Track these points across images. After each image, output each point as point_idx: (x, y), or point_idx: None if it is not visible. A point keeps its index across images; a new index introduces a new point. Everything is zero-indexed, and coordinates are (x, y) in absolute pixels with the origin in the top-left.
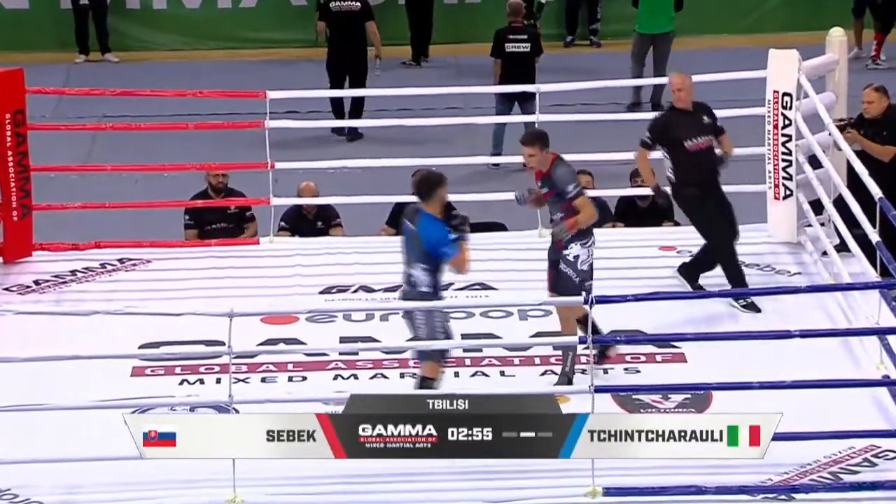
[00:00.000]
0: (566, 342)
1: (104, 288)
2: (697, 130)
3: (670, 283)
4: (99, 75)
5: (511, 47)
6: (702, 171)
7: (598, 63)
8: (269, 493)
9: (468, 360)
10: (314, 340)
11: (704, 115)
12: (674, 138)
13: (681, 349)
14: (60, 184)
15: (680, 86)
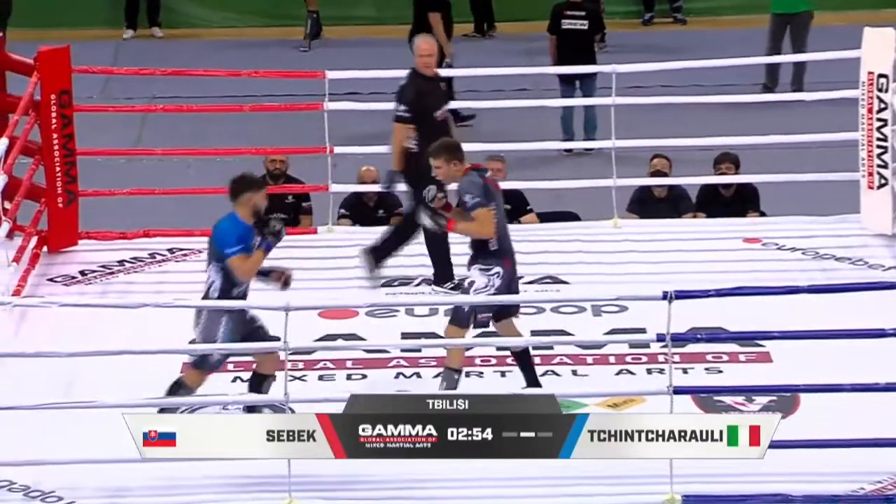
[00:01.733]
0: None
1: (153, 279)
2: (443, 99)
3: (755, 278)
4: (149, 53)
5: (568, 24)
6: None
7: (681, 42)
8: (324, 498)
9: (538, 358)
10: (374, 336)
11: (442, 83)
12: (426, 107)
13: (766, 348)
14: (108, 168)
15: (430, 51)
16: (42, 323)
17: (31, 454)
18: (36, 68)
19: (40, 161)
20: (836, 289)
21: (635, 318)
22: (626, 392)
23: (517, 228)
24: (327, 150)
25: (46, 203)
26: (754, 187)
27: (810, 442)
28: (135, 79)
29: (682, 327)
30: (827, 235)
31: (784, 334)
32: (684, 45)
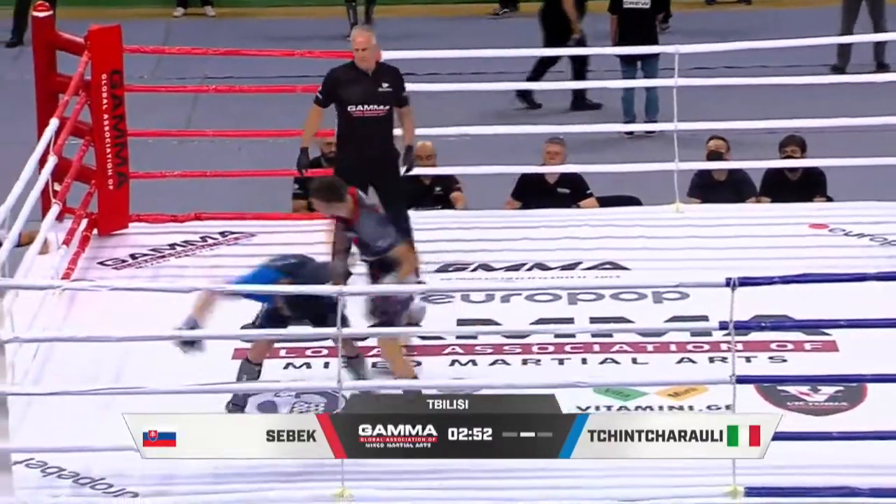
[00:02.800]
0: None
1: (205, 263)
2: (369, 96)
3: (822, 264)
4: (200, 32)
5: (629, 3)
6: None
7: (746, 22)
8: (378, 487)
9: (597, 346)
10: (429, 322)
11: (384, 83)
12: (341, 98)
13: (832, 337)
14: (159, 150)
15: (362, 45)
16: (92, 307)
17: (80, 441)
18: (86, 47)
19: (90, 142)
20: None
21: (697, 306)
22: (687, 381)
23: (577, 213)
24: None
25: (97, 185)
26: (821, 171)
27: (877, 433)
28: (186, 58)
29: (745, 315)
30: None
31: (851, 322)
32: (749, 26)
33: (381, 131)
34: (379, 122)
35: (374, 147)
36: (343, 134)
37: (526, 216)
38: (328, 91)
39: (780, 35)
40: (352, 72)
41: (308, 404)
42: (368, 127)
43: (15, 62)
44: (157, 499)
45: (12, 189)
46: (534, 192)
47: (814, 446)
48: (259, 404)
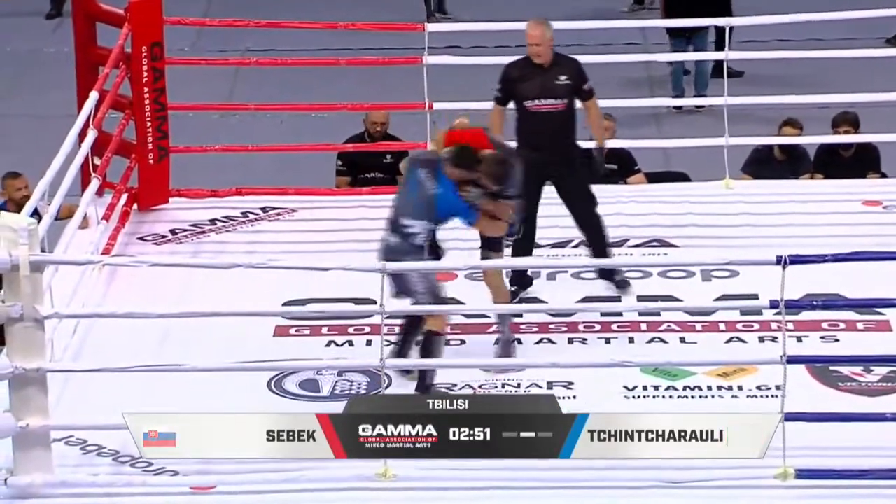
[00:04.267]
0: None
1: (246, 239)
2: (546, 90)
3: (875, 242)
4: (242, 4)
5: None
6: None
7: None
8: (421, 467)
9: (644, 324)
10: (475, 300)
11: (561, 76)
12: (518, 93)
13: (885, 316)
14: (200, 123)
15: (535, 40)
16: (132, 283)
17: (120, 418)
18: (127, 19)
19: (131, 116)
20: None
21: (747, 284)
22: (737, 361)
23: (624, 189)
24: (426, 105)
25: (137, 159)
26: (875, 147)
27: None
28: (227, 31)
29: (796, 294)
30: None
31: None
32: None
33: (559, 126)
34: (556, 117)
35: (553, 143)
36: (520, 130)
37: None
38: (504, 88)
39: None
40: (527, 66)
41: (351, 383)
42: (545, 122)
43: (54, 34)
44: (197, 477)
45: (52, 163)
46: None
47: (866, 427)
48: (300, 382)
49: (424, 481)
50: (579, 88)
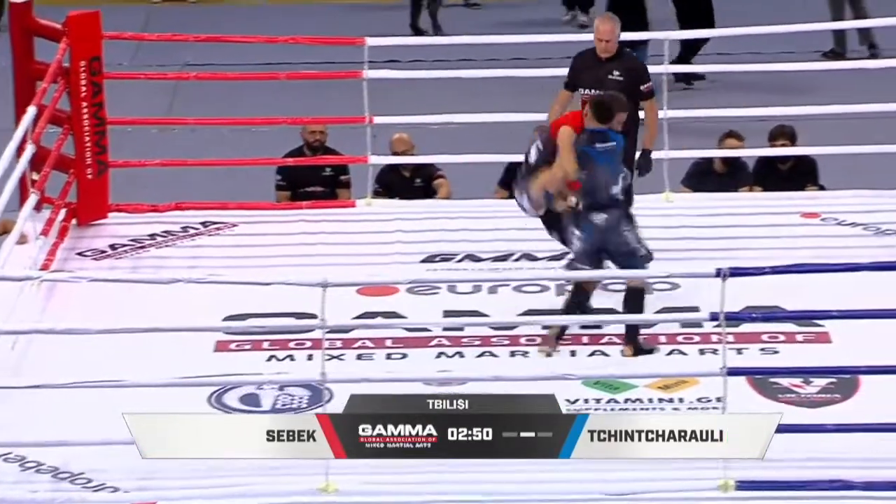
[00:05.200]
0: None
1: (186, 254)
2: (606, 84)
3: (814, 254)
4: (181, 19)
5: None
6: None
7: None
8: (364, 482)
9: (585, 337)
10: (415, 314)
11: (618, 73)
12: (578, 82)
13: (825, 328)
14: (139, 138)
15: (604, 36)
16: (71, 299)
17: (59, 435)
18: (65, 34)
19: (69, 130)
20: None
21: (687, 297)
22: (678, 373)
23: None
24: (367, 119)
25: (76, 174)
26: (813, 160)
27: (871, 426)
28: (167, 45)
29: (736, 306)
30: (890, 210)
31: (844, 314)
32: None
33: None
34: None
35: None
36: None
37: (513, 205)
38: (570, 74)
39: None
40: (591, 57)
41: (292, 397)
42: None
43: None
44: (137, 493)
45: None
46: None
47: (806, 439)
48: (241, 397)
49: (367, 496)
50: (635, 88)
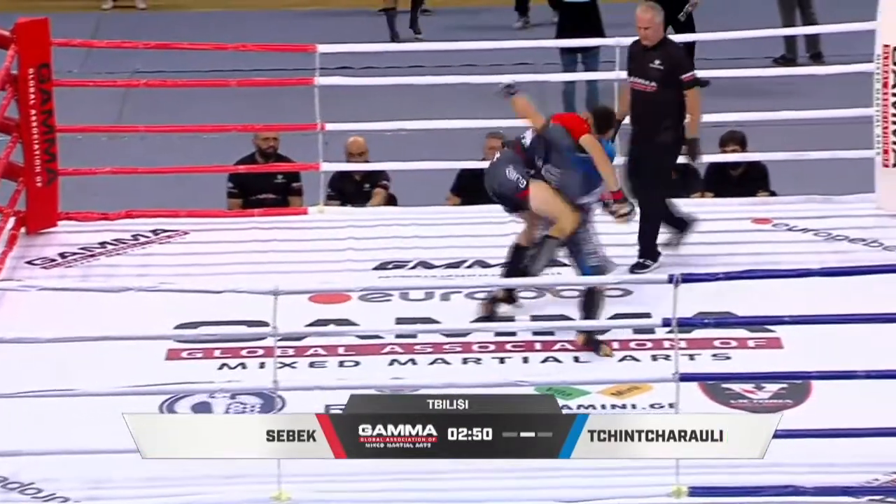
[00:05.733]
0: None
1: (137, 262)
2: (649, 71)
3: (765, 260)
4: (131, 26)
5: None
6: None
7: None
8: (317, 490)
9: (538, 344)
10: (368, 321)
11: (657, 61)
12: (629, 71)
13: (776, 333)
14: (89, 146)
15: (644, 24)
16: (20, 308)
17: (9, 445)
18: (13, 41)
19: (18, 138)
20: (850, 272)
21: (640, 303)
22: (630, 379)
23: None
24: (318, 126)
25: (25, 182)
26: (764, 166)
27: (822, 431)
28: (116, 52)
29: (688, 312)
30: (840, 216)
31: (795, 319)
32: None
33: (649, 109)
34: (647, 98)
35: (639, 122)
36: (632, 103)
37: (466, 212)
38: (627, 62)
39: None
40: (638, 46)
41: (244, 405)
42: (638, 101)
43: None
44: (88, 503)
45: None
46: (474, 188)
47: None
48: (193, 405)
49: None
50: (674, 76)
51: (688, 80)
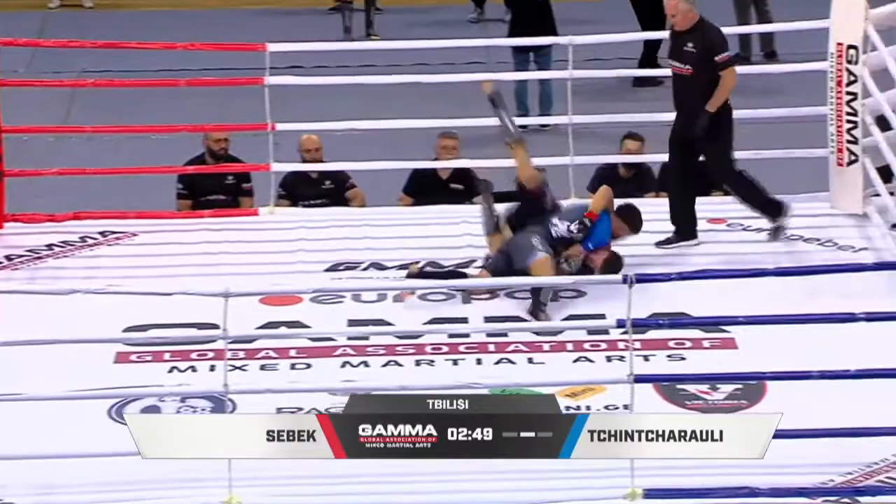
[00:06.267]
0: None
1: (84, 264)
2: (684, 56)
3: (720, 260)
4: (78, 25)
5: None
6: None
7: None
8: (268, 494)
9: (492, 345)
10: (319, 324)
11: (691, 44)
12: (669, 55)
13: (731, 334)
14: (36, 147)
15: (670, 11)
16: None
17: None
18: None
19: None
20: (805, 271)
21: (594, 304)
22: (585, 381)
23: (471, 209)
24: (269, 126)
25: None
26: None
27: (777, 432)
28: (63, 51)
29: (643, 313)
30: (794, 215)
31: (750, 319)
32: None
33: (687, 91)
34: (685, 82)
35: (680, 105)
36: (673, 87)
37: (418, 213)
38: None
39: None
40: (673, 31)
41: (194, 409)
42: (677, 83)
43: None
44: None
45: None
46: (427, 188)
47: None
48: (142, 409)
49: None
50: (709, 59)
51: (722, 62)
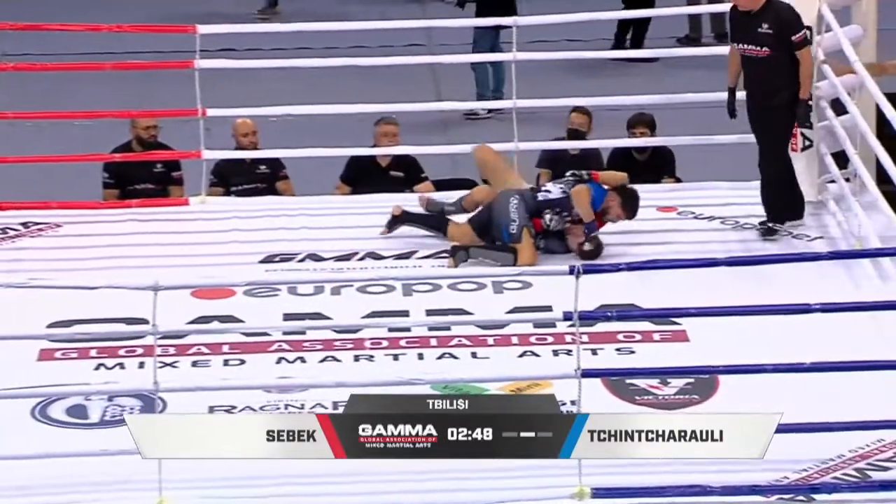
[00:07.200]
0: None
1: (6, 256)
2: (754, 36)
3: (670, 250)
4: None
5: None
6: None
7: None
8: (201, 497)
9: (434, 339)
10: (253, 318)
11: (763, 22)
12: (732, 37)
13: (682, 326)
14: None
15: None
16: None
17: None
18: None
19: None
20: (758, 261)
21: (540, 296)
22: (531, 376)
23: (411, 198)
24: (199, 112)
25: None
26: (670, 151)
27: None
28: None
29: (590, 305)
30: (748, 203)
31: (701, 311)
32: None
33: (762, 72)
34: (759, 63)
35: (753, 88)
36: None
37: (357, 202)
38: (730, 30)
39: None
40: (738, 10)
41: (122, 408)
42: (751, 67)
43: None
44: None
45: None
46: (365, 176)
47: None
48: (67, 409)
49: None
50: (786, 38)
51: (799, 41)
